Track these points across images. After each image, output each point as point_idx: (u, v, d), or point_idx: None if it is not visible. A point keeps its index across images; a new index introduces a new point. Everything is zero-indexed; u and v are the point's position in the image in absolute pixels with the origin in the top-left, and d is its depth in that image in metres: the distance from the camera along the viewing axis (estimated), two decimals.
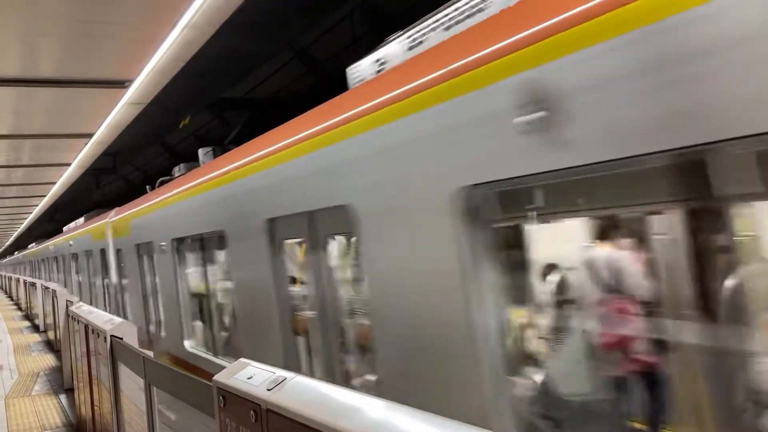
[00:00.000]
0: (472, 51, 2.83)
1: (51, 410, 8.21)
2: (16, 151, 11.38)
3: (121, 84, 7.30)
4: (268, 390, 2.03)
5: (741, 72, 1.87)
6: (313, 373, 4.72)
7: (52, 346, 13.21)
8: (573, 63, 2.34)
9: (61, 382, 9.60)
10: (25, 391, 9.53)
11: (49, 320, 13.28)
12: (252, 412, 2.07)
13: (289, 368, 2.39)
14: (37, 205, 22.04)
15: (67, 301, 8.65)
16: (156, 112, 9.21)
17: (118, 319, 5.03)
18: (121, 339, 4.55)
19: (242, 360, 2.44)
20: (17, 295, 26.30)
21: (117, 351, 4.50)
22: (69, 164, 13.02)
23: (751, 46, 1.84)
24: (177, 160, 11.54)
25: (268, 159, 4.87)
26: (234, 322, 6.26)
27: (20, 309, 23.68)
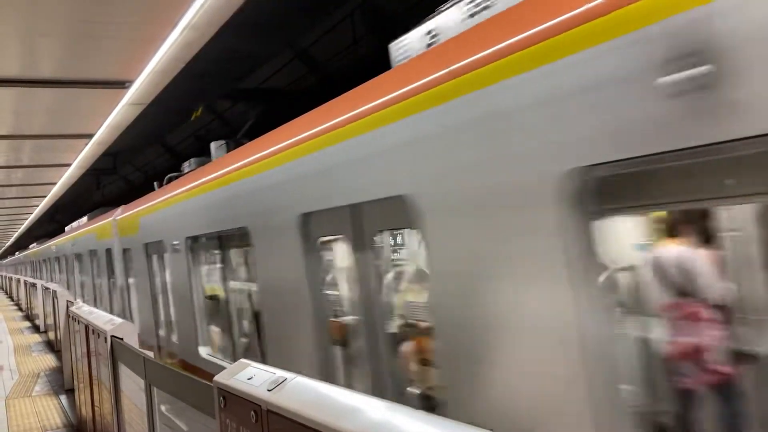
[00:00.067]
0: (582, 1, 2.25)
1: (51, 411, 8.21)
2: (16, 151, 11.39)
3: (122, 84, 7.30)
4: (269, 390, 2.04)
5: None
6: (353, 386, 4.21)
7: (52, 347, 13.22)
8: None
9: (61, 383, 9.60)
10: (26, 391, 9.53)
11: (50, 321, 13.27)
12: (252, 412, 2.07)
13: (327, 380, 2.20)
14: (38, 206, 22.06)
15: (68, 301, 8.65)
16: (156, 113, 9.22)
17: (119, 320, 5.03)
18: (122, 339, 4.55)
19: (242, 360, 2.44)
20: (18, 296, 26.33)
21: (117, 351, 4.51)
22: (69, 165, 13.02)
23: None
24: (177, 160, 11.56)
25: (301, 146, 4.31)
26: (256, 327, 5.83)
27: (21, 309, 23.70)
